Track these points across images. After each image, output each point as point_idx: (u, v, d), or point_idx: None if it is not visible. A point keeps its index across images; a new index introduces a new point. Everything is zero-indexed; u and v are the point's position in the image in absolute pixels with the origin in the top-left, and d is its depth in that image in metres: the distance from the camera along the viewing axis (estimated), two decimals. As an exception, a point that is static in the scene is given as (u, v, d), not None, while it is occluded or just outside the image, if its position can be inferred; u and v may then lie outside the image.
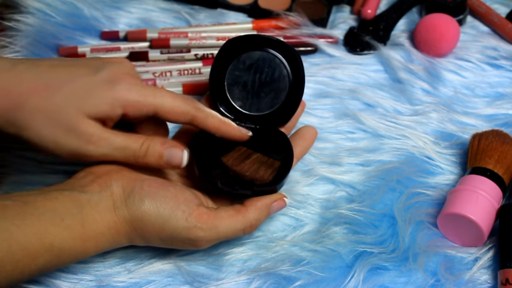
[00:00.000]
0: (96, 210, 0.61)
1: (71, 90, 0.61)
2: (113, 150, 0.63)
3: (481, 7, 0.95)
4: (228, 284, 0.70)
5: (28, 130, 0.61)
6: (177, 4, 0.98)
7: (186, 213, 0.63)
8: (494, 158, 0.74)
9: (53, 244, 0.58)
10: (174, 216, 0.62)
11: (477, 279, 0.70)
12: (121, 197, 0.62)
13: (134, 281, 0.69)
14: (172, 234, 0.63)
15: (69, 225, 0.59)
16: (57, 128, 0.61)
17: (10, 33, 0.90)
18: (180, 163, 0.65)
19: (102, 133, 0.62)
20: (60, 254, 0.59)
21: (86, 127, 0.61)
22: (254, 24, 0.94)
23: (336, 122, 0.84)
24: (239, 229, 0.65)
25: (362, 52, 0.91)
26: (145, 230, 0.63)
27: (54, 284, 0.69)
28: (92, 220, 0.60)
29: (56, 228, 0.58)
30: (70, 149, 0.62)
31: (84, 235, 0.60)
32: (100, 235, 0.61)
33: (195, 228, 0.63)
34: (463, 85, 0.89)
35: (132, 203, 0.62)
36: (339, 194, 0.77)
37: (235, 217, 0.65)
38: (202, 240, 0.64)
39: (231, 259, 0.71)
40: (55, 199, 0.59)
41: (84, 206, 0.60)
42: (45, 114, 0.60)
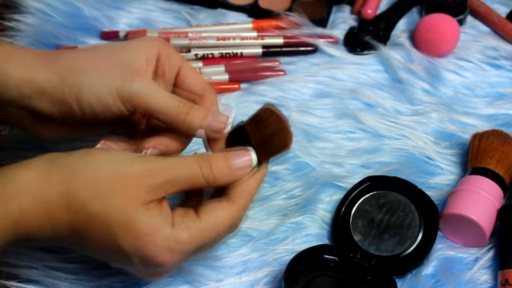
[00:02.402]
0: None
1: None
2: (158, 96, 0.60)
3: (481, 7, 0.95)
4: (227, 285, 0.70)
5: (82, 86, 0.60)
6: (177, 4, 0.97)
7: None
8: (495, 158, 0.74)
9: None
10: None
11: (477, 279, 0.70)
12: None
13: (134, 281, 0.69)
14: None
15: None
16: (113, 73, 0.60)
17: (10, 33, 0.89)
18: (223, 128, 0.62)
19: (151, 81, 0.61)
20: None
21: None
22: (254, 24, 0.94)
23: (336, 122, 0.84)
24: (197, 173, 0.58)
25: (362, 52, 0.91)
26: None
27: (54, 284, 0.69)
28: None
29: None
30: (117, 86, 0.59)
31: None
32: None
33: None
34: (463, 85, 0.88)
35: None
36: (339, 196, 0.77)
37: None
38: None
39: (231, 260, 0.71)
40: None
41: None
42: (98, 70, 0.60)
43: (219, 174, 0.58)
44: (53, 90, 0.60)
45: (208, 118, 0.61)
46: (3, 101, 0.61)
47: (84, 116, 0.61)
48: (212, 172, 0.58)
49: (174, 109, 0.61)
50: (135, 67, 0.61)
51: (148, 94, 0.60)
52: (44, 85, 0.60)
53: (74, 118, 0.61)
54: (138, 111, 0.61)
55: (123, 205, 0.56)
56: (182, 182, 0.57)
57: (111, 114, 0.61)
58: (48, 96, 0.60)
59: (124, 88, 0.59)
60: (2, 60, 0.60)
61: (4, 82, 0.60)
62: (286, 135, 0.61)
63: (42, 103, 0.61)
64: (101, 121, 0.62)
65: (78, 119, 0.61)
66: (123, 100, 0.60)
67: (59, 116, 0.61)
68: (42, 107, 0.61)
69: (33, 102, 0.61)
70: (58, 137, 0.67)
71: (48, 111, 0.61)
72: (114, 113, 0.61)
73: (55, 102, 0.60)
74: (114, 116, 0.61)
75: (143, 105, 0.60)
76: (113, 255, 0.58)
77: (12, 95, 0.60)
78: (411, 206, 0.73)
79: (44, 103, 0.61)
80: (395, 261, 0.71)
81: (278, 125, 0.61)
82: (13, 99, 0.61)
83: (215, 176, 0.58)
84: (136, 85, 0.60)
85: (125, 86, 0.59)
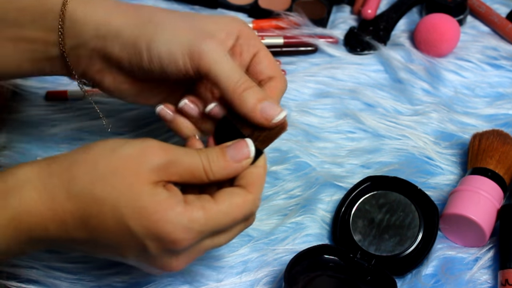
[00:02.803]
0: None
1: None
2: (223, 62, 0.60)
3: (481, 7, 0.95)
4: (228, 285, 0.70)
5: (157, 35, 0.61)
6: (177, 4, 0.97)
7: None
8: (495, 159, 0.74)
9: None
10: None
11: (477, 279, 0.70)
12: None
13: (134, 281, 0.69)
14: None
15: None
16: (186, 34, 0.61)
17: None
18: (275, 116, 0.60)
19: (223, 48, 0.61)
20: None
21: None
22: (255, 24, 0.94)
23: (337, 122, 0.84)
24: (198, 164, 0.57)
25: (362, 52, 0.91)
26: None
27: (54, 284, 0.69)
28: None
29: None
30: (189, 41, 0.60)
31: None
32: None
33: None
34: (463, 85, 0.88)
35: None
36: (339, 196, 0.77)
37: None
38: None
39: (231, 260, 0.71)
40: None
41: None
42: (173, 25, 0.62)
43: (216, 167, 0.57)
44: (128, 34, 0.61)
45: (264, 102, 0.60)
46: (79, 40, 0.62)
47: (150, 66, 0.61)
48: (209, 164, 0.57)
49: (234, 80, 0.60)
50: (212, 33, 0.62)
51: (215, 57, 0.60)
52: (121, 28, 0.61)
53: (141, 67, 0.61)
54: (201, 73, 0.60)
55: (128, 184, 0.54)
56: (184, 170, 0.56)
57: (176, 70, 0.61)
58: (121, 39, 0.61)
59: (195, 44, 0.60)
60: (85, 2, 0.62)
61: (83, 21, 0.62)
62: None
63: (114, 46, 0.61)
64: (165, 77, 0.62)
65: (144, 68, 0.61)
66: (190, 56, 0.60)
67: (127, 62, 0.62)
68: (114, 50, 0.62)
69: (107, 43, 0.62)
70: (117, 91, 0.66)
71: (118, 54, 0.62)
72: (179, 69, 0.61)
73: (127, 46, 0.61)
74: (178, 74, 0.61)
75: (206, 66, 0.60)
76: (125, 244, 0.56)
77: (89, 35, 0.62)
78: (411, 206, 0.73)
79: (116, 46, 0.61)
80: (395, 261, 0.71)
81: None
82: (89, 39, 0.62)
83: (213, 169, 0.57)
84: (207, 45, 0.60)
85: (196, 42, 0.60)
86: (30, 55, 0.64)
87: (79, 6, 0.62)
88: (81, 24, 0.62)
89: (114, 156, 0.55)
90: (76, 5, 0.62)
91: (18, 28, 0.63)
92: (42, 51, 0.64)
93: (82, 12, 0.62)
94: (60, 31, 0.62)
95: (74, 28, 0.62)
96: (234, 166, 0.58)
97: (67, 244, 0.57)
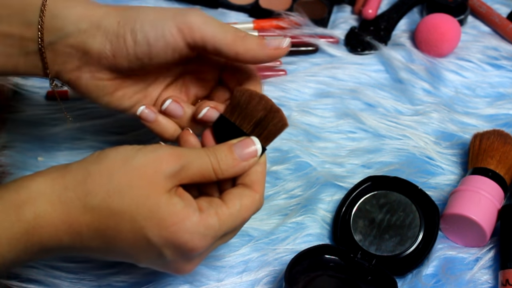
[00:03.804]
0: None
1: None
2: (213, 24, 0.61)
3: (482, 7, 0.95)
4: (228, 285, 0.70)
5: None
6: (177, 4, 0.98)
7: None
8: (495, 159, 0.74)
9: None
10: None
11: (478, 279, 0.70)
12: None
13: (134, 281, 0.69)
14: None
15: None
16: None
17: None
18: (282, 44, 0.62)
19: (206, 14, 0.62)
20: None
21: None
22: (255, 24, 0.94)
23: (337, 122, 0.84)
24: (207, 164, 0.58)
25: (363, 52, 0.91)
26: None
27: (54, 283, 0.69)
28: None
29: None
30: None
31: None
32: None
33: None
34: (464, 85, 0.88)
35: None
36: (340, 196, 0.77)
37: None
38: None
39: (231, 260, 0.71)
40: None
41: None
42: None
43: (225, 166, 0.58)
44: (110, 22, 0.60)
45: (265, 39, 0.61)
46: (58, 35, 0.61)
47: (136, 49, 0.60)
48: (218, 163, 0.58)
49: (231, 33, 0.60)
50: (189, 9, 0.62)
51: (204, 22, 0.60)
52: (102, 19, 0.61)
53: (125, 53, 0.61)
54: (197, 42, 0.60)
55: (145, 195, 0.54)
56: (195, 173, 0.57)
57: (165, 47, 0.60)
58: (103, 29, 0.61)
59: (180, 18, 0.60)
60: (67, 1, 0.62)
61: (63, 16, 0.61)
62: (278, 114, 0.60)
63: (96, 39, 0.61)
64: (151, 61, 0.61)
65: (129, 54, 0.61)
66: (179, 28, 0.60)
67: (110, 52, 0.61)
68: (95, 44, 0.61)
69: (88, 38, 0.61)
70: (94, 89, 0.65)
71: (99, 47, 0.61)
72: (170, 44, 0.60)
73: (109, 35, 0.60)
74: (167, 52, 0.61)
75: (200, 32, 0.60)
76: (141, 252, 0.56)
77: (69, 30, 0.61)
78: (411, 206, 0.73)
79: (98, 39, 0.61)
80: (396, 261, 0.71)
81: (265, 106, 0.60)
82: (69, 33, 0.61)
83: (222, 168, 0.58)
84: (192, 15, 0.60)
85: (181, 16, 0.60)
86: (5, 50, 0.62)
87: (59, 2, 0.61)
88: (62, 19, 0.61)
89: (128, 167, 0.55)
90: (57, 0, 0.61)
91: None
92: (18, 46, 0.62)
93: (62, 8, 0.61)
94: (40, 25, 0.61)
95: (53, 23, 0.61)
96: (242, 164, 0.59)
97: (80, 252, 0.58)
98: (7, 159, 0.79)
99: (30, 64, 0.63)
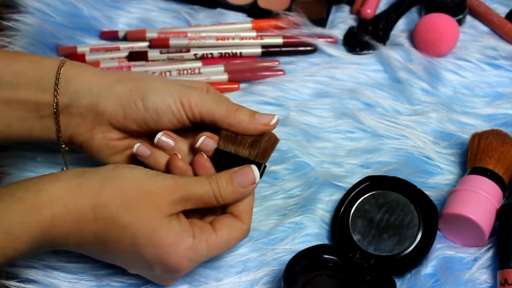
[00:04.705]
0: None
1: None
2: (209, 99, 0.67)
3: (481, 7, 0.95)
4: (227, 284, 0.70)
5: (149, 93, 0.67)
6: (176, 4, 0.97)
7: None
8: (494, 158, 0.74)
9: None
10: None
11: (476, 278, 0.71)
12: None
13: (133, 281, 0.69)
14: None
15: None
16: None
17: (9, 33, 0.89)
18: (270, 120, 0.67)
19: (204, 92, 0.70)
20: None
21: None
22: (254, 24, 0.94)
23: (336, 122, 0.84)
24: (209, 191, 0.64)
25: (361, 52, 0.91)
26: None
27: (54, 284, 0.69)
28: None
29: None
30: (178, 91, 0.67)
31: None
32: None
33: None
34: (462, 85, 0.88)
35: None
36: (338, 196, 0.77)
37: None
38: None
39: (230, 260, 0.72)
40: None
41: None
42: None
43: (225, 193, 0.64)
44: (121, 88, 0.67)
45: (256, 113, 0.68)
46: (72, 98, 0.67)
47: (145, 114, 0.67)
48: (219, 190, 0.64)
49: (224, 107, 0.67)
50: (190, 84, 0.70)
51: (203, 99, 0.67)
52: (113, 84, 0.67)
53: (136, 116, 0.67)
54: (196, 116, 0.67)
55: (148, 217, 0.61)
56: (197, 200, 0.63)
57: (171, 116, 0.67)
58: (115, 93, 0.67)
59: (183, 93, 0.67)
60: (78, 65, 0.69)
61: (77, 80, 0.67)
62: (266, 132, 0.67)
63: (108, 101, 0.67)
64: (159, 124, 0.67)
65: (139, 117, 0.67)
66: (182, 103, 0.67)
67: (121, 114, 0.67)
68: (107, 106, 0.67)
69: (100, 99, 0.67)
70: (105, 149, 0.70)
71: (111, 109, 0.67)
72: (174, 115, 0.67)
73: (121, 99, 0.67)
74: (172, 120, 0.67)
75: (198, 107, 0.67)
76: (134, 263, 0.64)
77: (83, 93, 0.67)
78: (410, 206, 0.73)
79: (110, 101, 0.67)
80: (395, 261, 0.71)
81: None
82: (82, 96, 0.67)
83: (222, 195, 0.64)
84: (193, 92, 0.67)
85: (183, 93, 0.67)
86: (21, 115, 0.68)
87: (73, 69, 0.68)
88: (75, 83, 0.67)
89: (138, 190, 0.61)
90: (70, 67, 0.68)
91: (12, 90, 0.67)
92: (34, 111, 0.68)
93: (76, 74, 0.68)
94: (55, 90, 0.67)
95: (68, 87, 0.67)
96: (241, 191, 0.65)
97: (78, 251, 0.65)
98: (6, 159, 0.79)
99: (44, 128, 0.69)
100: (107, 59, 0.90)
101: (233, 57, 0.91)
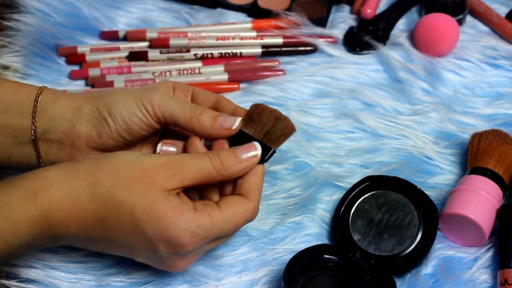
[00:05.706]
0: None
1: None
2: (173, 102, 0.67)
3: (481, 7, 0.95)
4: (227, 284, 0.70)
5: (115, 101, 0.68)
6: (176, 4, 0.98)
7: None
8: (494, 158, 0.74)
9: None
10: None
11: (476, 278, 0.71)
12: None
13: (133, 281, 0.69)
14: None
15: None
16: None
17: (9, 33, 0.90)
18: (232, 123, 0.67)
19: (168, 93, 0.70)
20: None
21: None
22: (254, 24, 0.94)
23: (336, 122, 0.84)
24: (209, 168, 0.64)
25: (361, 52, 0.91)
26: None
27: (54, 283, 0.69)
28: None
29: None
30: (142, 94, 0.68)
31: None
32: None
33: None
34: (462, 85, 0.88)
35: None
36: (338, 196, 0.77)
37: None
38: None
39: (230, 260, 0.72)
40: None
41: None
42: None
43: (227, 163, 0.63)
44: (89, 109, 0.68)
45: (219, 117, 0.67)
46: (49, 125, 0.68)
47: (117, 127, 0.67)
48: (221, 161, 0.63)
49: (188, 111, 0.67)
50: (155, 87, 0.70)
51: (165, 101, 0.67)
52: (82, 106, 0.68)
53: (109, 132, 0.67)
54: (160, 118, 0.67)
55: (145, 191, 0.60)
56: (195, 172, 0.62)
57: (140, 123, 0.67)
58: (85, 115, 0.68)
59: (144, 97, 0.67)
60: (53, 92, 0.70)
61: (52, 107, 0.68)
62: (286, 121, 0.67)
63: (81, 124, 0.68)
64: (133, 134, 0.68)
65: (112, 133, 0.67)
66: (145, 107, 0.67)
67: (96, 134, 0.68)
68: (81, 129, 0.68)
69: (74, 124, 0.68)
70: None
71: (87, 131, 0.68)
72: (142, 121, 0.67)
73: (92, 119, 0.68)
74: (142, 126, 0.67)
75: (161, 110, 0.67)
76: (138, 245, 0.62)
77: (59, 120, 0.68)
78: (410, 206, 0.73)
79: (83, 123, 0.68)
80: (395, 261, 0.71)
81: (274, 116, 0.67)
82: (58, 123, 0.68)
83: (224, 165, 0.63)
84: (155, 95, 0.67)
85: (145, 96, 0.67)
86: (0, 140, 0.69)
87: (49, 96, 0.69)
88: (51, 111, 0.68)
89: (134, 166, 0.62)
90: (47, 94, 0.69)
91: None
92: (13, 136, 0.68)
93: (51, 101, 0.69)
94: (33, 116, 0.68)
95: (44, 114, 0.68)
96: (244, 163, 0.64)
97: (83, 242, 0.64)
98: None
99: (24, 154, 0.69)
100: (107, 59, 0.90)
101: (233, 57, 0.91)
